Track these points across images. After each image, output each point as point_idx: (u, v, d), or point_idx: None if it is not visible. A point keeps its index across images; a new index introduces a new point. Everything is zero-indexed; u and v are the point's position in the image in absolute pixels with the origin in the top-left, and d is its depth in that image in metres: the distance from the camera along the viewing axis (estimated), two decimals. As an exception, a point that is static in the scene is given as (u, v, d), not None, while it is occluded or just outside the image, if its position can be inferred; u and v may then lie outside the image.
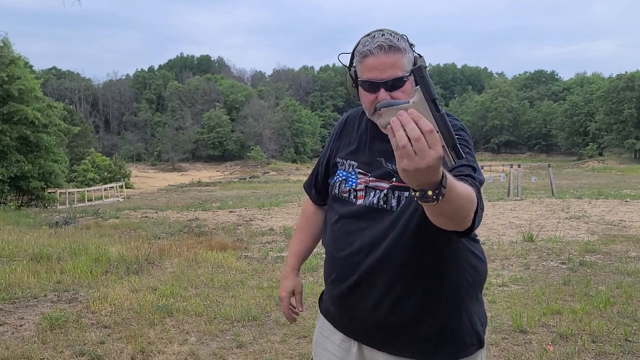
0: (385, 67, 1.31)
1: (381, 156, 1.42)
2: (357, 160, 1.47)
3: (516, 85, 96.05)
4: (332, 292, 1.53)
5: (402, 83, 1.33)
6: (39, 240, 8.19)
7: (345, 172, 1.48)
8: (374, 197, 1.40)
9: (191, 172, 63.79)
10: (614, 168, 47.21)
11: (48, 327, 3.97)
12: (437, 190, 0.99)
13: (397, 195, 1.37)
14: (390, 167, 1.40)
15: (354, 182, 1.45)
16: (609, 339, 3.65)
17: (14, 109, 21.53)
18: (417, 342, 1.38)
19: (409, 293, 1.37)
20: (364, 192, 1.43)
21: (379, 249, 1.36)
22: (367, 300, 1.41)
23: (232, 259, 6.79)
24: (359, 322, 1.45)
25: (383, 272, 1.37)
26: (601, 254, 6.84)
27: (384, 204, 1.38)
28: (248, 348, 3.63)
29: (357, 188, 1.44)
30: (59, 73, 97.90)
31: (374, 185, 1.42)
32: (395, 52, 1.32)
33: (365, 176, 1.44)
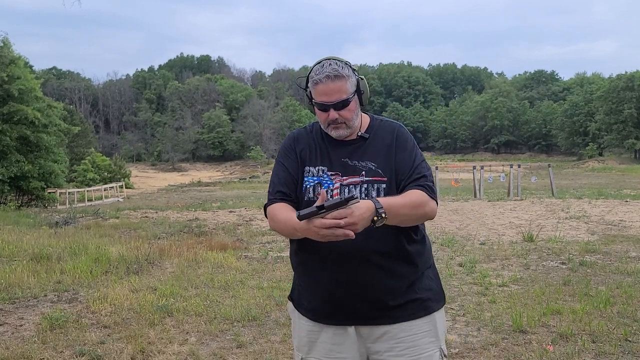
0: (332, 92, 1.63)
1: (345, 157, 1.70)
2: (325, 165, 1.70)
3: (516, 85, 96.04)
4: (321, 289, 1.68)
5: (347, 103, 1.65)
6: (39, 240, 8.19)
7: (317, 177, 1.70)
8: (355, 192, 1.64)
9: (191, 172, 63.81)
10: (614, 168, 47.21)
11: (48, 327, 3.97)
12: (377, 217, 1.47)
13: (376, 188, 1.65)
14: (356, 163, 1.68)
15: (330, 183, 1.67)
16: (609, 339, 3.65)
17: (14, 109, 21.52)
18: (411, 309, 1.68)
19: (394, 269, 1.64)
20: (339, 190, 1.66)
21: (372, 237, 1.57)
22: (361, 285, 1.63)
23: (232, 259, 6.80)
24: (351, 308, 1.65)
25: (376, 256, 1.62)
26: (601, 254, 6.84)
27: (365, 196, 1.64)
28: (248, 348, 3.63)
29: (333, 188, 1.66)
30: (59, 73, 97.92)
31: (347, 182, 1.67)
32: (340, 79, 1.63)
33: (337, 176, 1.68)
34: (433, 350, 1.70)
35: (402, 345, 1.66)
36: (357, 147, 1.72)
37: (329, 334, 1.70)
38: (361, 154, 1.70)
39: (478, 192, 17.81)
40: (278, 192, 1.71)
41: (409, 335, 1.67)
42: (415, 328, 1.68)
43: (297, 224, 1.45)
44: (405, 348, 1.66)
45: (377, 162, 1.69)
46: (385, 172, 1.67)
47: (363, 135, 1.74)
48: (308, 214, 1.40)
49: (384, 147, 1.72)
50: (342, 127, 1.67)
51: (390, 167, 1.69)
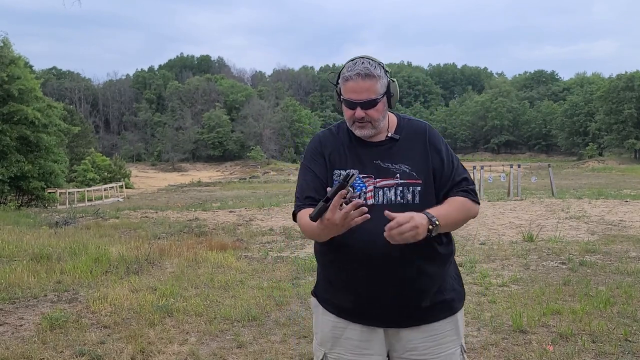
0: (361, 91, 1.62)
1: (377, 159, 1.69)
2: (356, 168, 1.67)
3: (516, 85, 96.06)
4: (354, 288, 1.66)
5: (375, 103, 1.64)
6: (39, 240, 8.19)
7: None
8: (390, 194, 1.65)
9: (191, 172, 63.80)
10: (614, 168, 47.20)
11: (48, 327, 3.97)
12: (433, 226, 1.53)
13: (412, 190, 1.65)
14: (389, 165, 1.67)
15: (363, 186, 1.65)
16: (609, 339, 3.65)
17: (14, 109, 21.53)
18: (438, 309, 1.69)
19: (427, 271, 1.64)
20: (373, 193, 1.65)
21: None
22: (395, 286, 1.63)
23: (232, 259, 6.79)
24: (383, 310, 1.65)
25: (411, 259, 1.61)
26: (601, 254, 6.83)
27: (401, 199, 1.65)
28: (248, 348, 3.63)
29: (366, 191, 1.65)
30: (59, 73, 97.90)
31: (381, 185, 1.66)
32: (371, 79, 1.62)
33: (369, 179, 1.66)
34: (455, 348, 1.73)
35: (425, 344, 1.69)
36: (388, 149, 1.70)
37: (356, 330, 1.70)
38: (393, 156, 1.69)
39: (478, 192, 17.75)
40: (307, 198, 1.68)
41: (432, 336, 1.69)
42: (440, 328, 1.71)
43: (317, 224, 1.46)
44: (428, 347, 1.69)
45: (410, 164, 1.68)
46: (419, 175, 1.67)
47: (393, 137, 1.72)
48: (318, 211, 1.41)
49: (416, 148, 1.71)
50: (368, 127, 1.66)
51: (425, 169, 1.68)
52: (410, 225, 1.47)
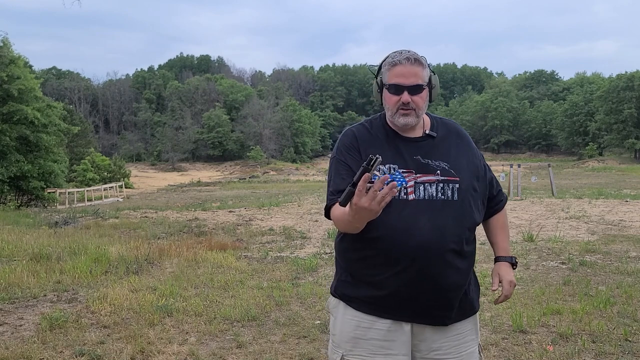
0: (410, 75, 1.64)
1: (417, 154, 1.69)
2: (396, 163, 1.67)
3: (516, 85, 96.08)
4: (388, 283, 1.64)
5: (421, 90, 1.66)
6: (38, 240, 8.18)
7: (390, 175, 1.66)
8: (431, 190, 1.65)
9: (191, 172, 63.79)
10: (614, 168, 47.22)
11: (48, 327, 3.97)
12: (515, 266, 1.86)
13: (451, 187, 1.67)
14: (429, 162, 1.69)
15: (403, 181, 1.65)
16: (609, 339, 3.65)
17: (13, 108, 21.51)
18: (463, 309, 1.72)
19: (459, 267, 1.67)
20: (414, 188, 1.65)
21: (447, 234, 1.62)
22: (432, 282, 1.63)
23: (231, 259, 6.79)
24: (417, 304, 1.65)
25: (449, 254, 1.63)
26: (601, 254, 6.83)
27: (442, 195, 1.66)
28: (248, 348, 3.63)
29: (407, 186, 1.65)
30: (58, 73, 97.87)
31: (422, 180, 1.66)
32: (418, 65, 1.66)
33: (410, 174, 1.66)
34: (474, 347, 1.76)
35: (449, 344, 1.70)
36: (426, 145, 1.71)
37: (382, 329, 1.67)
38: (432, 153, 1.70)
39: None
40: (340, 192, 1.62)
41: (455, 335, 1.71)
42: (463, 327, 1.73)
43: (347, 212, 1.45)
44: (451, 347, 1.70)
45: (449, 161, 1.70)
46: (457, 172, 1.69)
47: (431, 134, 1.74)
48: (346, 196, 1.42)
49: (452, 147, 1.74)
50: (412, 115, 1.66)
51: (461, 167, 1.71)
52: (512, 288, 1.77)
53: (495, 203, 1.87)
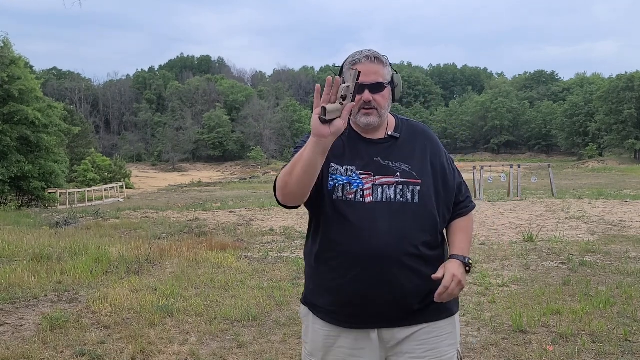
0: (370, 73, 1.61)
1: (377, 156, 1.66)
2: (354, 164, 1.64)
3: (516, 86, 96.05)
4: (346, 290, 1.61)
5: (382, 88, 1.64)
6: (39, 241, 8.19)
7: (345, 177, 1.63)
8: (389, 192, 1.62)
9: (191, 172, 63.79)
10: (614, 168, 47.17)
11: (48, 327, 3.97)
12: (468, 268, 1.69)
13: (411, 190, 1.63)
14: (389, 163, 1.65)
15: (360, 183, 1.62)
16: (609, 339, 3.65)
17: (14, 109, 21.53)
18: (436, 310, 1.67)
19: (421, 272, 1.62)
20: (371, 191, 1.61)
21: (406, 237, 1.59)
22: (389, 286, 1.59)
23: (232, 259, 6.80)
24: (377, 310, 1.61)
25: (408, 257, 1.59)
26: (601, 254, 6.84)
27: (400, 197, 1.62)
28: (248, 348, 3.64)
29: (363, 188, 1.61)
30: (59, 73, 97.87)
31: (380, 182, 1.62)
32: (379, 63, 1.64)
33: (368, 176, 1.63)
34: (452, 353, 1.71)
35: (424, 347, 1.66)
36: (388, 147, 1.68)
37: (349, 339, 1.66)
38: (394, 155, 1.67)
39: (478, 192, 17.80)
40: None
41: (431, 338, 1.67)
42: (438, 330, 1.68)
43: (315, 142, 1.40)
44: (426, 350, 1.66)
45: (411, 164, 1.66)
46: (419, 175, 1.65)
47: (393, 135, 1.70)
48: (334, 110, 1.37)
49: (416, 149, 1.70)
50: (374, 114, 1.63)
51: (425, 170, 1.67)
52: (455, 283, 1.60)
53: (460, 208, 1.79)
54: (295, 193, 1.51)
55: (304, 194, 1.52)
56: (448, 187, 1.72)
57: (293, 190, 1.50)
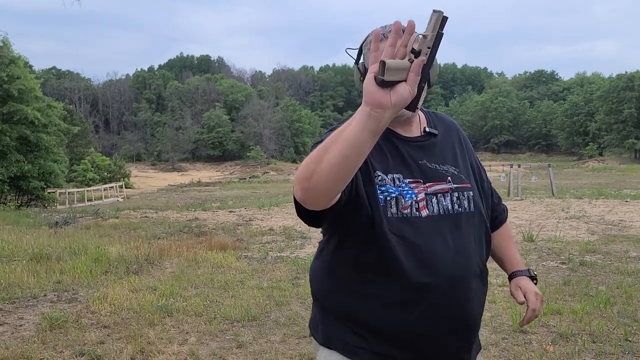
0: None
1: (421, 158, 1.36)
2: (400, 172, 1.32)
3: (516, 85, 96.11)
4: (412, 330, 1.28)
5: None
6: (38, 240, 8.18)
7: (395, 187, 1.30)
8: (445, 202, 1.33)
9: (191, 172, 63.77)
10: (614, 168, 47.16)
11: (48, 327, 3.97)
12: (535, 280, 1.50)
13: (466, 196, 1.37)
14: (437, 167, 1.37)
15: (413, 194, 1.31)
16: (609, 339, 3.65)
17: (13, 108, 21.52)
18: (476, 344, 1.42)
19: (482, 293, 1.39)
20: (425, 202, 1.32)
21: (472, 256, 1.34)
22: (463, 318, 1.32)
23: (232, 259, 6.79)
24: (445, 348, 1.32)
25: (475, 279, 1.34)
26: (601, 254, 6.83)
27: (459, 207, 1.35)
28: (248, 348, 3.63)
29: (418, 199, 1.31)
30: (58, 73, 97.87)
31: (434, 190, 1.33)
32: None
33: (418, 184, 1.33)
34: None
35: None
36: (429, 147, 1.38)
37: None
38: (437, 156, 1.38)
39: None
40: None
41: None
42: None
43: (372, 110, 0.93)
44: None
45: (457, 165, 1.40)
46: (467, 178, 1.41)
47: (432, 131, 1.41)
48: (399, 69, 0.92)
49: (455, 147, 1.44)
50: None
51: (468, 171, 1.43)
52: (539, 302, 1.43)
53: (499, 213, 1.57)
54: (323, 187, 1.02)
55: (335, 191, 1.06)
56: (484, 187, 1.48)
57: (321, 183, 1.01)
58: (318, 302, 1.42)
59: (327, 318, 1.37)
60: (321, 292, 1.40)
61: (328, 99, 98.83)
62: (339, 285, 1.34)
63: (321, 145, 1.02)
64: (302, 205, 1.10)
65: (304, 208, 1.11)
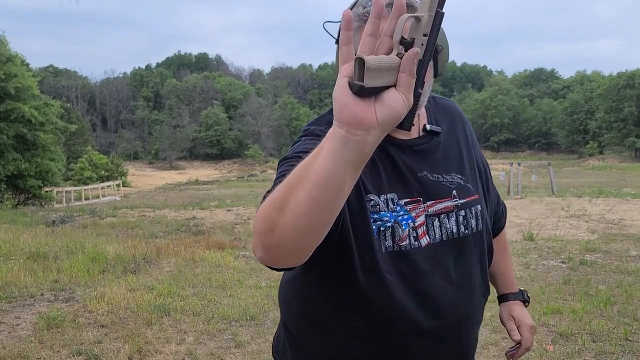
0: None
1: (422, 170, 1.07)
2: (394, 191, 1.03)
3: (516, 83, 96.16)
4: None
5: None
6: (35, 239, 8.15)
7: (389, 213, 1.01)
8: (449, 224, 1.07)
9: (189, 170, 63.74)
10: (614, 166, 47.23)
11: (45, 327, 3.94)
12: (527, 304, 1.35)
13: (474, 213, 1.11)
14: (439, 178, 1.08)
15: (410, 219, 1.03)
16: (609, 338, 3.63)
17: (10, 107, 21.45)
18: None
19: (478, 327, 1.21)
20: (426, 226, 1.05)
21: (475, 286, 1.12)
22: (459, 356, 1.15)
23: (229, 258, 6.77)
24: None
25: (476, 312, 1.16)
26: (601, 253, 6.82)
27: (465, 229, 1.09)
28: (246, 348, 3.60)
29: (416, 225, 1.03)
30: (55, 71, 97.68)
31: (434, 210, 1.06)
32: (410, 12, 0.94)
33: (418, 205, 1.04)
34: None
35: None
36: (431, 151, 1.10)
37: None
38: (441, 162, 1.10)
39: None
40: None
41: None
42: None
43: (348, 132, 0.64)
44: None
45: (463, 172, 1.12)
46: (475, 187, 1.13)
47: (434, 129, 1.11)
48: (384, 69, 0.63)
49: (461, 144, 1.15)
50: None
51: (475, 175, 1.15)
52: (532, 336, 1.29)
53: (498, 217, 1.32)
54: (290, 244, 0.74)
55: (308, 247, 0.76)
56: (490, 190, 1.23)
57: (288, 239, 0.73)
58: (289, 333, 1.16)
59: (298, 354, 1.14)
60: (294, 323, 1.14)
61: (327, 97, 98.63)
62: (321, 325, 1.08)
63: (284, 183, 0.73)
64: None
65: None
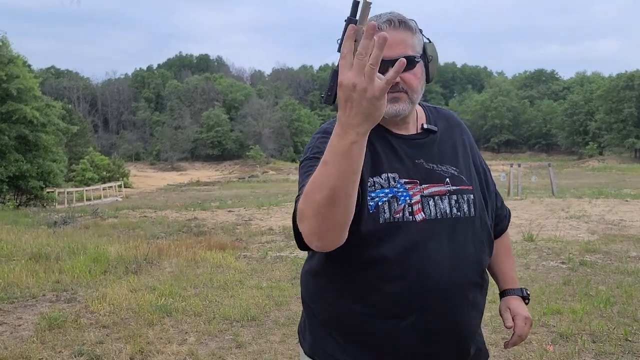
0: (394, 44, 1.16)
1: (418, 157, 1.27)
2: (395, 171, 1.23)
3: (516, 85, 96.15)
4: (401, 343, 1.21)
5: (413, 64, 1.19)
6: (37, 240, 8.17)
7: (389, 188, 1.21)
8: (443, 205, 1.24)
9: (190, 171, 63.76)
10: (614, 167, 47.19)
11: (46, 327, 3.96)
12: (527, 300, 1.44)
13: (466, 199, 1.27)
14: (434, 167, 1.27)
15: (407, 196, 1.21)
16: (609, 338, 3.64)
17: (12, 108, 21.48)
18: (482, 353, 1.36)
19: (480, 304, 1.31)
20: (421, 205, 1.22)
21: (470, 264, 1.25)
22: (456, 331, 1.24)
23: (231, 258, 6.78)
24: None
25: (472, 289, 1.26)
26: (601, 254, 6.82)
27: (457, 211, 1.25)
28: (247, 348, 3.62)
29: (412, 202, 1.21)
30: (57, 72, 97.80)
31: (430, 192, 1.24)
32: (406, 30, 1.21)
33: (414, 185, 1.23)
34: None
35: None
36: (427, 145, 1.29)
37: None
38: (437, 155, 1.29)
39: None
40: None
41: None
42: None
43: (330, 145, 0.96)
44: None
45: (457, 166, 1.30)
46: (469, 179, 1.30)
47: (431, 128, 1.31)
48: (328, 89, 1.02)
49: (457, 145, 1.34)
50: (403, 100, 1.21)
51: (471, 172, 1.33)
52: (528, 327, 1.37)
53: (500, 219, 1.45)
54: (338, 227, 1.01)
55: (349, 218, 1.02)
56: (490, 189, 1.39)
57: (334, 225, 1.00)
58: (307, 308, 1.37)
59: (314, 325, 1.32)
60: (310, 297, 1.35)
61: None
62: (327, 291, 1.28)
63: (309, 189, 0.99)
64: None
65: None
